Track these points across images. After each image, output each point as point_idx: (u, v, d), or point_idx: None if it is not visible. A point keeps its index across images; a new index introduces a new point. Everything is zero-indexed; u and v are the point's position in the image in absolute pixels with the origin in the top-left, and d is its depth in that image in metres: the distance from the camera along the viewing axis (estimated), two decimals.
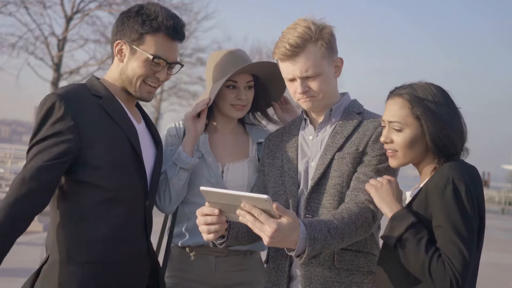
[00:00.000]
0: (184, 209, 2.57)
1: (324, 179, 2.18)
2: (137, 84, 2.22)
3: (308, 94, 2.20)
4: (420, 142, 2.00)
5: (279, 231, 1.78)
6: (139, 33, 2.19)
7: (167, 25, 2.19)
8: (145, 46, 2.19)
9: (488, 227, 2.31)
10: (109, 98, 2.20)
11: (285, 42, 2.17)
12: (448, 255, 1.83)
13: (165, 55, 2.21)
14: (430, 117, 1.97)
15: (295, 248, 1.85)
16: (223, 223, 1.95)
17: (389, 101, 2.07)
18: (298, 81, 2.19)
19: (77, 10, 18.86)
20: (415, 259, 1.86)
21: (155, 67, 2.21)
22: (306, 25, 2.18)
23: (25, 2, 17.96)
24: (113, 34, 2.26)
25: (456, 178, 1.88)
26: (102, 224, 2.12)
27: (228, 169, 2.56)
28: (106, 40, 19.52)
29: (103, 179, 2.11)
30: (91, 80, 2.26)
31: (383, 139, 2.06)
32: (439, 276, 1.82)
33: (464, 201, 1.86)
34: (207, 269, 2.54)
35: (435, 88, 2.03)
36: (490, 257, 11.00)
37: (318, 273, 2.14)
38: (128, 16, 2.23)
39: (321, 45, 2.18)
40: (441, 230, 1.87)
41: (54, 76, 18.72)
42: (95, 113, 2.13)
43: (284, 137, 2.37)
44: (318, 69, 2.18)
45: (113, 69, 2.28)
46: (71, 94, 2.12)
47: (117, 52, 2.24)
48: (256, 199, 1.77)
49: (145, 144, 2.28)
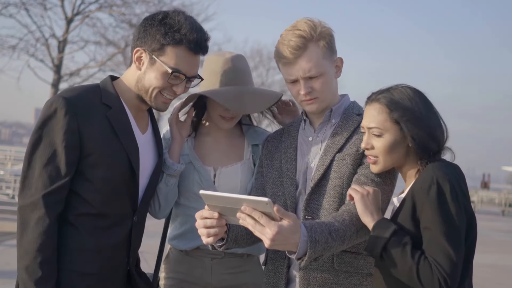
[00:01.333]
0: (177, 214, 2.56)
1: (324, 180, 2.17)
2: (153, 95, 2.17)
3: (311, 95, 2.19)
4: (400, 145, 2.01)
5: (280, 234, 1.76)
6: (160, 44, 2.11)
7: (190, 38, 2.11)
8: (165, 57, 2.12)
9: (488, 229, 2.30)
10: (118, 109, 2.15)
11: (285, 45, 2.16)
12: (434, 257, 1.83)
13: (184, 69, 2.14)
14: (409, 119, 1.98)
15: (296, 251, 1.84)
16: (223, 226, 1.94)
17: (367, 107, 2.08)
18: (301, 82, 2.18)
19: (78, 12, 18.90)
20: (402, 265, 1.86)
21: (173, 80, 2.14)
22: (306, 26, 2.17)
23: (25, 4, 18.01)
24: (134, 39, 2.19)
25: (440, 178, 1.89)
26: (83, 233, 2.08)
27: (220, 173, 2.53)
28: (107, 42, 19.57)
29: (93, 193, 2.08)
30: (106, 85, 2.20)
31: (363, 146, 2.07)
32: (428, 279, 1.82)
33: (449, 200, 1.86)
34: (203, 271, 2.53)
35: (411, 90, 2.04)
36: (490, 259, 10.99)
37: (316, 275, 2.12)
38: (151, 23, 2.14)
39: (322, 45, 2.17)
40: (428, 231, 1.88)
41: (55, 78, 18.76)
42: (100, 126, 2.09)
43: (283, 138, 2.36)
44: (320, 68, 2.17)
45: (130, 75, 2.21)
46: (79, 101, 2.07)
47: (136, 59, 2.17)
48: (256, 202, 1.76)
49: (145, 157, 2.24)
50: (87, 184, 2.08)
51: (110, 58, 20.22)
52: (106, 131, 2.10)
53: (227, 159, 2.57)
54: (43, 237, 1.98)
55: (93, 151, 2.06)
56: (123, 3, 18.84)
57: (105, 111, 2.11)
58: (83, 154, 2.05)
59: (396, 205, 2.06)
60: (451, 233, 1.85)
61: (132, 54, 2.19)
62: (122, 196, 2.14)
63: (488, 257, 11.11)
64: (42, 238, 1.98)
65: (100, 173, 2.08)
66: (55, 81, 18.66)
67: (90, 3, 18.97)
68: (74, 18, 18.82)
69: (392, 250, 1.87)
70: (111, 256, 2.15)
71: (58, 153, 2.03)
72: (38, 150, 2.04)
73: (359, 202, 1.99)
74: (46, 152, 2.03)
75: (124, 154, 2.13)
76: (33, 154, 2.04)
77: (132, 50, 2.20)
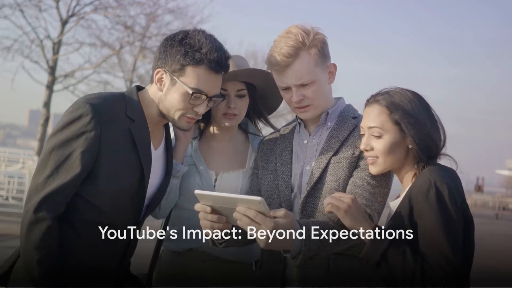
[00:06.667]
0: (175, 215, 2.56)
1: (320, 184, 2.18)
2: (176, 117, 2.16)
3: (304, 102, 2.20)
4: (400, 147, 2.03)
5: (277, 229, 1.78)
6: (180, 64, 2.09)
7: (211, 58, 2.08)
8: (185, 78, 2.10)
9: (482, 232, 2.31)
10: (140, 123, 2.14)
11: (277, 52, 2.18)
12: (436, 260, 1.83)
13: (206, 89, 2.11)
14: (409, 120, 1.99)
15: (290, 250, 1.85)
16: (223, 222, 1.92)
17: (367, 108, 2.09)
18: (293, 89, 2.19)
19: (73, 14, 18.83)
20: (403, 271, 1.85)
21: (194, 101, 2.12)
22: (298, 33, 2.18)
23: (20, 5, 17.93)
24: (155, 60, 2.17)
25: (438, 181, 1.90)
26: (81, 239, 2.08)
27: (221, 178, 2.54)
28: (101, 44, 19.51)
29: (101, 201, 2.07)
30: (131, 96, 2.18)
31: (363, 147, 2.07)
32: (432, 282, 1.82)
33: (448, 203, 1.87)
34: (195, 273, 2.53)
35: (411, 93, 2.06)
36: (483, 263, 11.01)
37: (312, 277, 2.13)
38: (172, 44, 2.12)
39: (314, 53, 2.18)
40: (427, 234, 1.88)
41: (49, 80, 18.68)
42: (121, 137, 2.08)
43: (278, 141, 2.37)
44: (312, 76, 2.18)
45: (152, 93, 2.19)
46: (105, 110, 2.06)
47: (157, 81, 2.15)
48: (250, 201, 1.78)
49: (153, 173, 2.22)
50: (97, 191, 2.06)
51: (105, 60, 20.14)
52: (126, 142, 2.09)
53: (230, 165, 2.57)
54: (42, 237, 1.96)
55: (110, 160, 2.05)
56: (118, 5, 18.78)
57: (128, 124, 2.11)
58: (98, 162, 2.04)
59: (393, 209, 2.07)
60: (451, 236, 1.85)
61: (153, 75, 2.16)
62: (127, 208, 2.14)
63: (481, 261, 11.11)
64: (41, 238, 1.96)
65: (112, 182, 2.07)
66: (49, 83, 18.57)
67: (85, 5, 18.90)
68: (69, 20, 18.74)
69: (391, 258, 1.86)
70: (104, 263, 2.14)
71: (73, 157, 2.01)
72: (54, 151, 2.02)
73: (346, 217, 1.94)
74: (62, 154, 2.01)
75: (139, 167, 2.12)
76: (50, 155, 2.02)
77: (153, 70, 2.18)
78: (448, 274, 1.82)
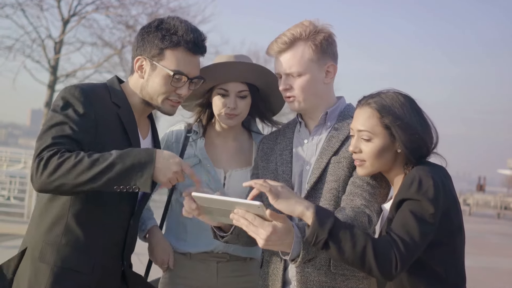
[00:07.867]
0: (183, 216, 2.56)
1: (320, 183, 2.18)
2: (159, 101, 2.20)
3: (289, 92, 2.21)
4: (389, 151, 2.02)
5: (275, 234, 1.77)
6: (159, 48, 2.15)
7: (187, 39, 2.14)
8: (165, 61, 2.15)
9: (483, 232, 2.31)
10: (126, 109, 2.18)
11: (277, 39, 2.20)
12: (398, 234, 1.82)
13: (186, 70, 2.17)
14: (400, 125, 1.98)
15: (289, 252, 1.85)
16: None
17: (358, 109, 2.08)
18: (282, 77, 2.22)
19: (74, 13, 18.83)
20: (352, 246, 1.79)
21: (176, 83, 2.17)
22: (304, 25, 2.20)
23: (22, 4, 17.94)
24: (133, 49, 2.22)
25: (423, 176, 1.90)
26: (78, 231, 2.09)
27: (230, 175, 2.55)
28: (103, 43, 19.50)
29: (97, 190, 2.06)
30: (113, 85, 2.23)
31: (351, 149, 2.07)
32: (384, 255, 1.79)
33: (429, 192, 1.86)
34: (208, 275, 2.54)
35: (403, 96, 2.05)
36: (485, 262, 11.01)
37: (313, 278, 2.13)
38: (148, 31, 2.18)
39: (310, 46, 2.18)
40: (400, 212, 1.88)
41: (51, 79, 18.68)
42: (112, 121, 2.12)
43: (279, 140, 2.37)
44: (301, 68, 2.18)
45: (134, 83, 2.24)
46: (94, 94, 2.10)
47: (138, 68, 2.20)
48: (249, 205, 1.77)
49: None
50: None
51: (106, 60, 20.13)
52: (117, 127, 2.13)
53: (237, 163, 2.60)
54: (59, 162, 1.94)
55: (106, 142, 2.07)
56: (119, 4, 18.77)
57: (115, 109, 2.15)
58: (96, 141, 2.06)
59: (386, 212, 2.07)
60: (423, 218, 1.84)
61: (133, 64, 2.21)
62: (122, 197, 2.15)
63: (483, 260, 11.12)
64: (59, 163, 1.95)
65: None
66: (51, 82, 18.58)
67: (87, 4, 18.88)
68: (70, 19, 18.73)
69: (339, 233, 1.79)
70: (104, 258, 2.15)
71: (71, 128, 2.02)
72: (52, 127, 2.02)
73: (280, 198, 1.84)
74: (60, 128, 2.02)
75: None
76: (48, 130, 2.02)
77: (132, 60, 2.22)
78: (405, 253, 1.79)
